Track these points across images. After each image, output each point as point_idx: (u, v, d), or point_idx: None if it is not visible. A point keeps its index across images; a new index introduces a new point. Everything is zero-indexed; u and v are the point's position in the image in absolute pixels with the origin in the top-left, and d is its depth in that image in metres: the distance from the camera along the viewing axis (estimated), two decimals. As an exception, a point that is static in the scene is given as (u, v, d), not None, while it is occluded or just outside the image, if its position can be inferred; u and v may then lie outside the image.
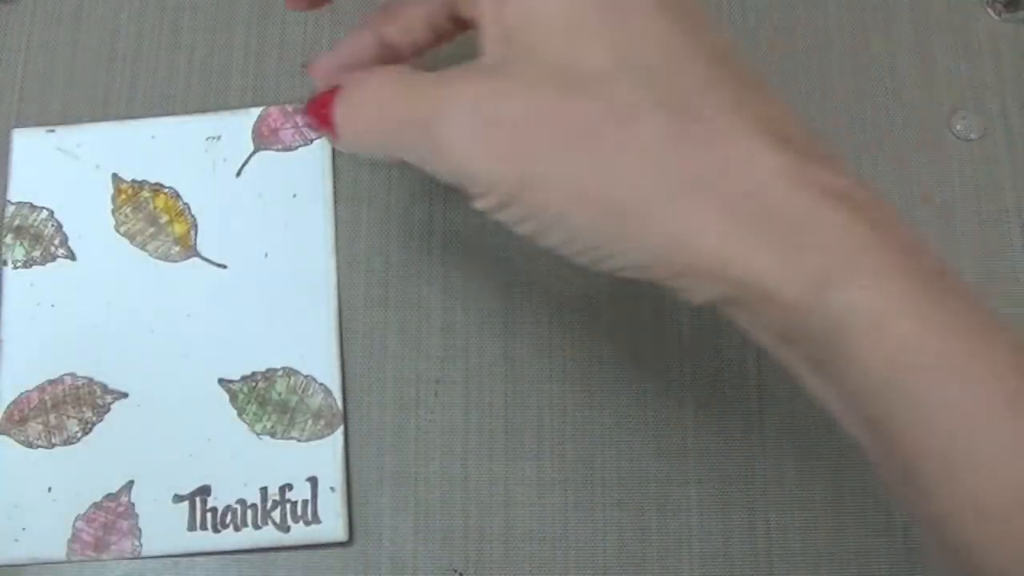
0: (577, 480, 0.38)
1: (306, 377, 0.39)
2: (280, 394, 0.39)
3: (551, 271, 0.40)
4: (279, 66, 0.43)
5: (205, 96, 0.43)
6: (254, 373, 0.39)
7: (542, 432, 0.38)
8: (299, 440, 0.38)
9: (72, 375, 0.39)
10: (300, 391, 0.39)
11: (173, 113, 0.42)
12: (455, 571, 0.37)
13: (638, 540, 0.37)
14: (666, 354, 0.39)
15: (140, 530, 0.37)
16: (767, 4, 0.43)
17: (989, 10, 0.43)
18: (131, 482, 0.38)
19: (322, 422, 0.38)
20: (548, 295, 0.40)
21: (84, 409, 0.39)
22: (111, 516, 0.37)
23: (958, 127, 0.41)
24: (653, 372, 0.38)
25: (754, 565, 0.36)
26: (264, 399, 0.39)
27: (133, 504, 0.38)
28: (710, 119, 0.24)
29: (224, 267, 0.40)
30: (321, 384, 0.39)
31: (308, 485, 0.37)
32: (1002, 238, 0.40)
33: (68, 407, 0.39)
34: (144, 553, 0.37)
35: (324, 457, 0.38)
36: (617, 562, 0.37)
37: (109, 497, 0.38)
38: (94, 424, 0.39)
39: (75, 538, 0.37)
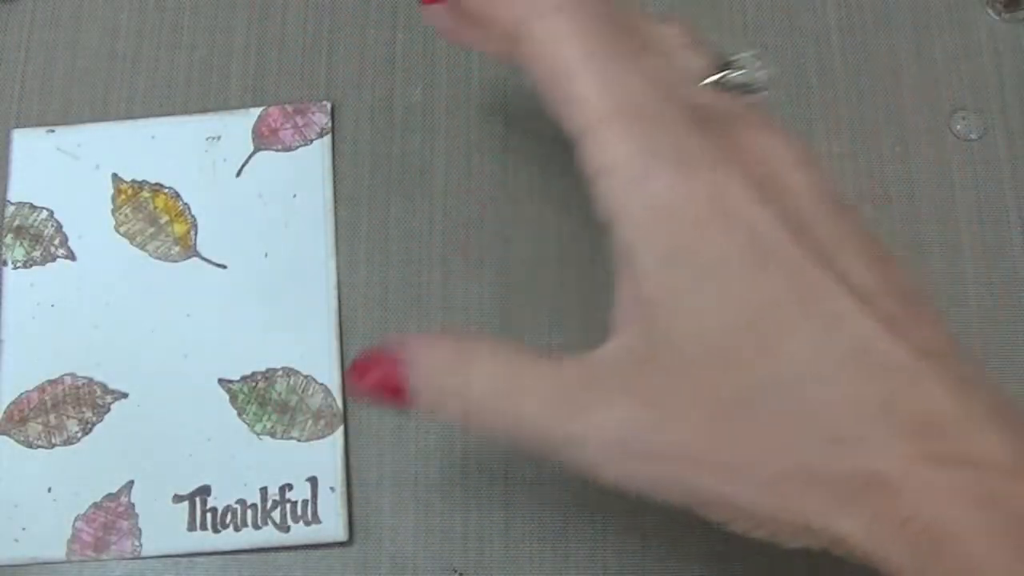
0: (577, 480, 0.37)
1: (306, 377, 0.39)
2: (280, 394, 0.39)
3: (551, 271, 0.40)
4: (279, 66, 0.43)
5: (205, 96, 0.42)
6: (254, 373, 0.39)
7: (542, 432, 0.38)
8: (299, 440, 0.38)
9: (72, 375, 0.39)
10: (300, 391, 0.39)
11: (173, 113, 0.42)
12: (455, 571, 0.37)
13: (638, 540, 0.37)
14: (666, 354, 0.39)
15: (140, 530, 0.37)
16: (768, 3, 0.43)
17: (989, 10, 0.43)
18: (131, 482, 0.38)
19: (322, 422, 0.38)
20: (548, 295, 0.40)
21: (84, 409, 0.39)
22: (111, 516, 0.37)
23: (958, 127, 0.41)
24: (653, 372, 0.38)
25: (754, 565, 0.36)
26: (264, 399, 0.39)
27: (133, 504, 0.38)
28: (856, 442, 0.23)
29: (224, 267, 0.40)
30: (321, 384, 0.39)
31: (308, 485, 0.37)
32: (1002, 238, 0.40)
33: (68, 407, 0.39)
34: (144, 553, 0.37)
35: (324, 457, 0.38)
36: (617, 562, 0.37)
37: (109, 497, 0.38)
38: (94, 424, 0.39)
39: (75, 538, 0.37)
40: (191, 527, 0.37)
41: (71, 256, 0.41)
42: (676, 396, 0.24)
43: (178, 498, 0.38)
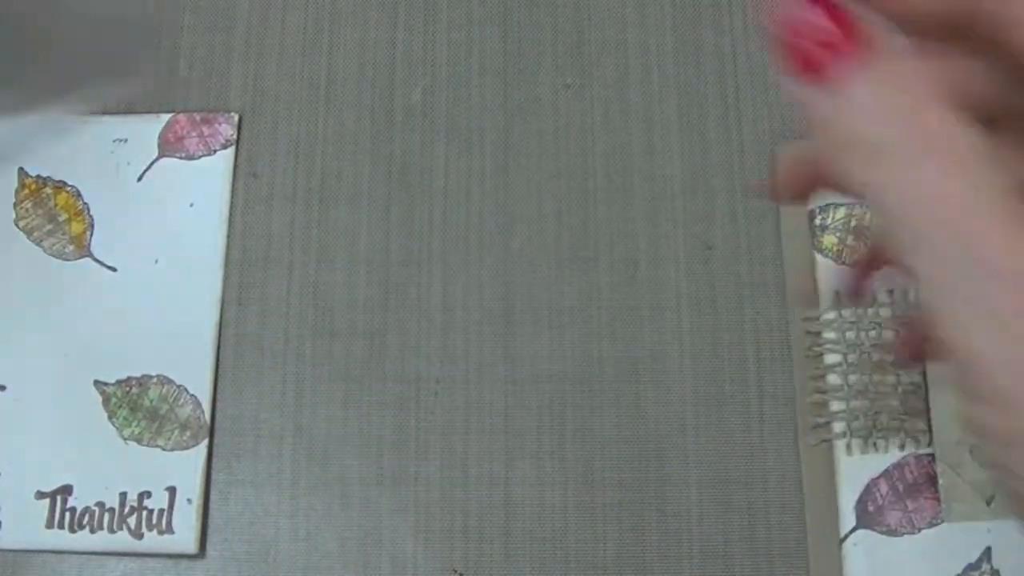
0: (577, 480, 0.38)
1: (179, 387, 0.39)
2: (152, 401, 0.39)
3: (551, 271, 0.40)
4: (279, 67, 0.43)
5: (205, 97, 0.42)
6: (129, 378, 0.39)
7: (542, 432, 0.38)
8: (163, 449, 0.38)
9: None
10: (171, 400, 0.39)
11: (173, 111, 0.42)
12: (455, 571, 0.37)
13: (638, 540, 0.37)
14: (666, 354, 0.39)
15: (0, 523, 0.38)
16: (767, 4, 0.43)
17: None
18: None
19: (188, 433, 0.38)
20: (548, 295, 0.40)
21: None
22: None
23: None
24: (653, 372, 0.38)
25: (754, 565, 0.36)
26: (136, 404, 0.39)
27: None
28: None
29: (114, 270, 0.40)
30: (192, 395, 0.39)
31: (166, 495, 0.38)
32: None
33: None
34: (0, 546, 0.37)
35: (185, 468, 0.38)
36: (617, 562, 0.37)
37: None
38: None
39: None
40: (49, 524, 0.38)
41: None
42: None
43: (40, 494, 0.38)
